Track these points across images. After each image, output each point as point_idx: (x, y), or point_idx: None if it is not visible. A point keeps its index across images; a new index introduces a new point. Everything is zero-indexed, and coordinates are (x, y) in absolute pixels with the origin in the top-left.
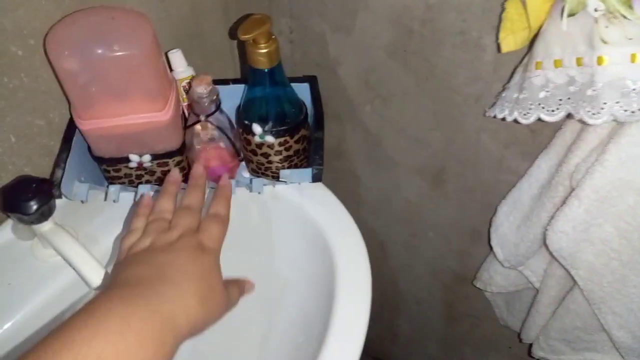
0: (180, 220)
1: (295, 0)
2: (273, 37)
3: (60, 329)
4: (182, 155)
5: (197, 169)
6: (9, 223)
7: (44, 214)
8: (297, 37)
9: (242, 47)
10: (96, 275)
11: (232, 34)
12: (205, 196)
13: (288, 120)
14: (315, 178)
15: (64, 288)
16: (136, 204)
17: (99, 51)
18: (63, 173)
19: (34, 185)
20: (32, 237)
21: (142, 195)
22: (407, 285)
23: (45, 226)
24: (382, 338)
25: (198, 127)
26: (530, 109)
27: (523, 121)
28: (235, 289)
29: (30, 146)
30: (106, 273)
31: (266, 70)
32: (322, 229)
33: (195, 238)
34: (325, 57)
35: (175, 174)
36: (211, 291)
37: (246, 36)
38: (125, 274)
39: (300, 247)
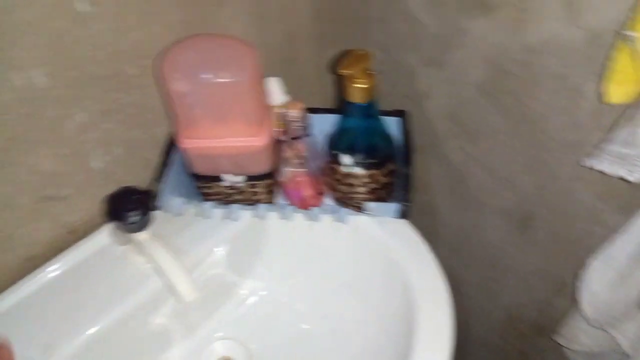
0: None
1: (390, 34)
2: (372, 73)
3: None
4: (272, 178)
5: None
6: (106, 227)
7: (143, 224)
8: (387, 69)
9: (338, 77)
10: (191, 291)
11: (325, 63)
12: None
13: (378, 153)
14: (401, 215)
15: (151, 296)
16: None
17: (208, 76)
18: (162, 187)
19: (137, 196)
20: (127, 243)
21: None
22: (479, 330)
23: (143, 235)
24: None
25: (288, 151)
26: (636, 165)
27: (629, 178)
28: None
29: (134, 158)
30: None
31: (361, 104)
32: (403, 268)
33: None
34: (413, 90)
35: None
36: None
37: (346, 71)
38: None
39: (378, 282)
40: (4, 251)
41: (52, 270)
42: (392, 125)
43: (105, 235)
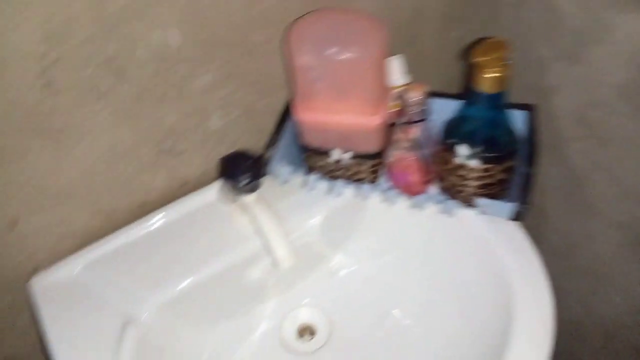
0: None
1: (523, 21)
2: (506, 63)
3: None
4: (379, 159)
5: None
6: (216, 185)
7: (252, 188)
8: (514, 58)
9: (467, 63)
10: (288, 257)
11: (449, 45)
12: None
13: (499, 147)
14: (515, 216)
15: (248, 256)
16: None
17: (333, 52)
18: (273, 154)
19: (249, 160)
20: (234, 203)
21: None
22: (573, 346)
23: (250, 198)
24: None
25: (401, 133)
26: None
27: None
28: None
29: (250, 123)
30: None
31: (489, 94)
32: (507, 274)
33: None
34: (540, 84)
35: None
36: None
37: (480, 59)
38: None
39: (475, 283)
40: (121, 195)
41: (161, 218)
42: (516, 119)
43: (214, 193)
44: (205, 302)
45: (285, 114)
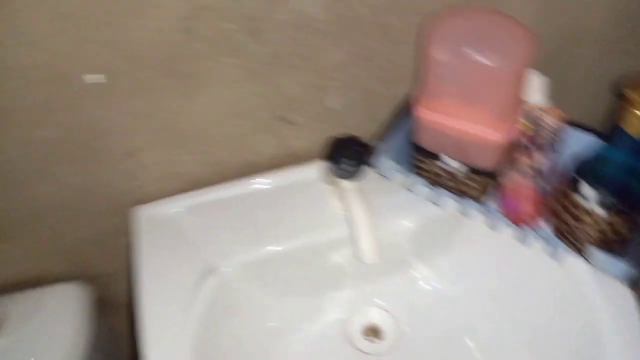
0: None
1: None
2: None
3: None
4: (493, 177)
5: None
6: (320, 163)
7: (353, 175)
8: None
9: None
10: (372, 254)
11: (605, 76)
12: None
13: (633, 199)
14: (630, 282)
15: (334, 241)
16: None
17: (474, 52)
18: (383, 146)
19: (358, 147)
20: (333, 185)
21: None
22: None
23: (349, 184)
24: None
25: (524, 157)
26: None
27: None
28: None
29: (366, 109)
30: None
31: (638, 138)
32: (603, 333)
33: None
34: None
35: None
36: None
37: (636, 95)
38: None
39: (568, 345)
40: (232, 150)
41: (263, 182)
42: None
43: (316, 170)
44: (283, 274)
45: (404, 109)
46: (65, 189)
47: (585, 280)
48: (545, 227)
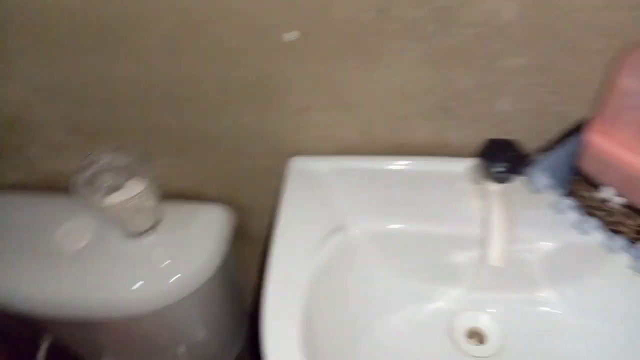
0: None
1: None
2: None
3: None
4: None
5: None
6: (471, 160)
7: (504, 179)
8: None
9: None
10: (500, 258)
11: None
12: None
13: None
14: None
15: (462, 239)
16: None
17: None
18: (541, 160)
19: (515, 152)
20: (478, 184)
21: None
22: None
23: (496, 187)
24: None
25: None
26: None
27: None
28: None
29: (535, 120)
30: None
31: None
32: None
33: None
34: None
35: None
36: None
37: None
38: None
39: None
40: (391, 127)
41: (413, 163)
42: None
43: (465, 166)
44: (404, 253)
45: (575, 129)
46: (240, 125)
47: None
48: None
